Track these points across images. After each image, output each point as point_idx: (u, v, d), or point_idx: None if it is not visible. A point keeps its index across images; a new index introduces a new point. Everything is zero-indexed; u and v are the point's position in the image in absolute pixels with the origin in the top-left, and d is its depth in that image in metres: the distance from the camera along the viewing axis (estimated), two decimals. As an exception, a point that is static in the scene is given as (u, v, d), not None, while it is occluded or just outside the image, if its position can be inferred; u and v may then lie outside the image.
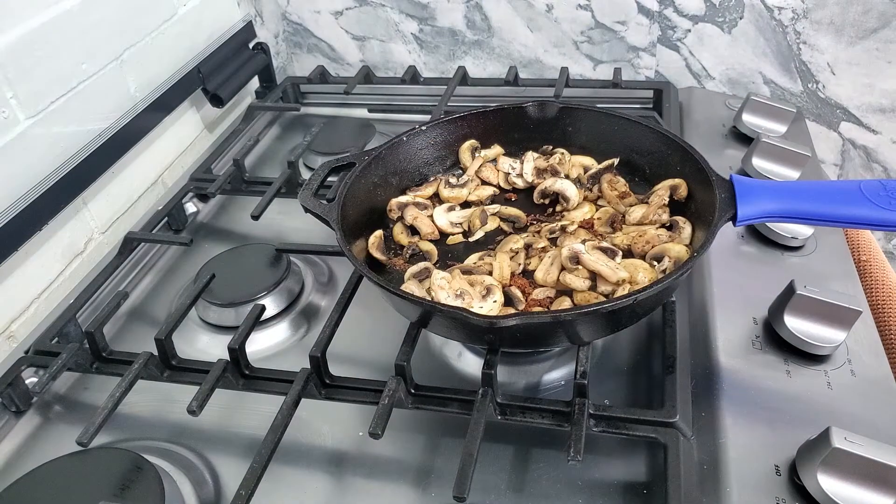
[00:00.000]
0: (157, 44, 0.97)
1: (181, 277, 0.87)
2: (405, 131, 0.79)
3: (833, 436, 0.48)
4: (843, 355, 0.61)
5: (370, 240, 0.72)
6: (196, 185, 0.99)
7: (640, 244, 0.67)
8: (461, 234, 0.75)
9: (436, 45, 1.21)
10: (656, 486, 0.56)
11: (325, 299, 0.80)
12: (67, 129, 0.83)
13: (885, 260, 0.78)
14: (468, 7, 1.15)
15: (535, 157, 0.80)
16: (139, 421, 0.67)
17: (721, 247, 0.74)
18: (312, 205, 0.69)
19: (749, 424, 0.56)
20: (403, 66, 1.22)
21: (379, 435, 0.55)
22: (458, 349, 0.70)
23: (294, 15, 1.25)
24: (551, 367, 0.68)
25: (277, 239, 0.87)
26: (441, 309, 0.57)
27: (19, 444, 0.68)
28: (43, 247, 0.81)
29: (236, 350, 0.65)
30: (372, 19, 1.21)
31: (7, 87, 0.74)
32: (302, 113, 1.19)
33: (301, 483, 0.61)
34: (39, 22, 0.78)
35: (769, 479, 0.52)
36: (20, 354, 0.73)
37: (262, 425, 0.58)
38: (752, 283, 0.69)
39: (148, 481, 0.57)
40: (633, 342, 0.69)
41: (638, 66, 1.15)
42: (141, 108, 0.93)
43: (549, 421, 0.59)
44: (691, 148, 0.69)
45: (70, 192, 0.83)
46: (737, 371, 0.61)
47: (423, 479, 0.60)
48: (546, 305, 0.64)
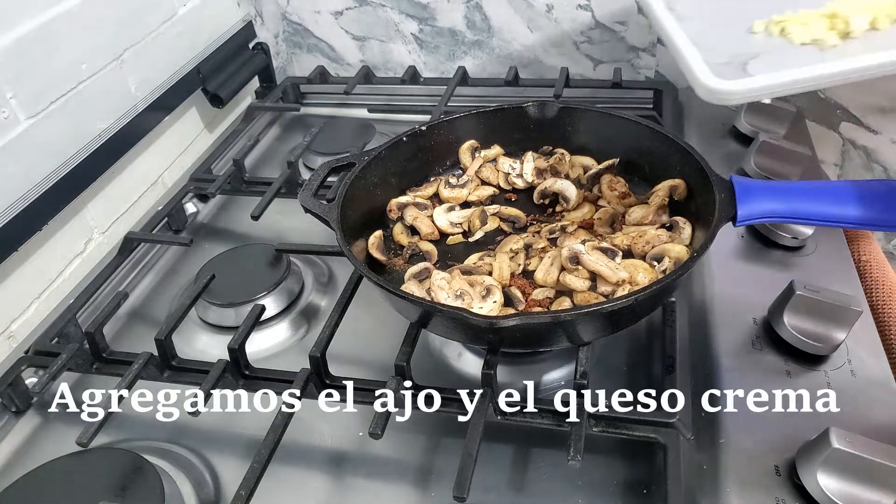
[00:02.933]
0: (157, 44, 0.97)
1: (181, 277, 0.87)
2: (405, 131, 0.79)
3: (833, 436, 0.48)
4: (843, 355, 0.61)
5: (370, 240, 0.72)
6: (196, 186, 0.99)
7: (640, 244, 0.67)
8: (461, 235, 0.75)
9: (436, 45, 1.21)
10: (656, 486, 0.56)
11: (325, 299, 0.80)
12: (67, 129, 0.82)
13: (885, 260, 0.78)
14: (468, 7, 1.15)
15: (535, 157, 0.80)
16: (139, 421, 0.67)
17: (721, 247, 0.74)
18: (312, 205, 0.69)
19: (749, 424, 0.56)
20: (403, 66, 1.22)
21: (379, 435, 0.55)
22: (458, 349, 0.70)
23: (294, 15, 1.25)
24: (551, 367, 0.68)
25: (277, 239, 0.87)
26: (441, 309, 0.57)
27: (19, 444, 0.68)
28: (43, 247, 0.81)
29: (236, 350, 0.65)
30: (372, 19, 1.21)
31: (7, 87, 0.74)
32: (302, 113, 1.19)
33: (301, 483, 0.61)
34: (39, 22, 0.78)
35: (769, 479, 0.52)
36: (20, 354, 0.73)
37: (262, 425, 0.58)
38: (752, 283, 0.69)
39: (148, 481, 0.57)
40: (633, 342, 0.69)
41: (638, 66, 1.15)
42: (141, 108, 0.93)
43: (548, 421, 0.59)
44: (691, 148, 0.69)
45: (70, 192, 0.83)
46: (737, 371, 0.61)
47: (423, 479, 0.60)
48: (546, 306, 0.64)
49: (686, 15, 0.62)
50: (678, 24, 0.61)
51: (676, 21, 0.61)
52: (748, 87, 0.53)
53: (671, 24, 0.61)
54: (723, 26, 0.61)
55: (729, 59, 0.56)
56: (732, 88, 0.53)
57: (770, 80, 0.54)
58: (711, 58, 0.56)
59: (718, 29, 0.61)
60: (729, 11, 0.64)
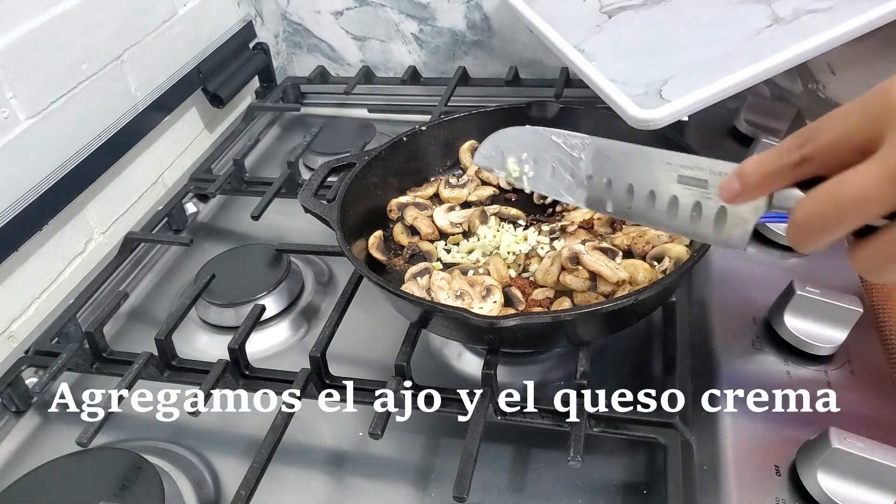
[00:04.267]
0: (157, 44, 0.97)
1: (181, 277, 0.87)
2: (405, 131, 0.79)
3: (833, 436, 0.48)
4: (843, 355, 0.61)
5: (370, 240, 0.72)
6: (196, 185, 0.99)
7: (640, 244, 0.67)
8: (461, 234, 0.75)
9: (436, 45, 1.21)
10: (656, 486, 0.56)
11: (325, 299, 0.80)
12: (67, 129, 0.82)
13: (885, 260, 0.78)
14: (468, 7, 1.15)
15: (535, 157, 0.80)
16: (139, 421, 0.67)
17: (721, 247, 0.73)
18: (312, 205, 0.69)
19: (749, 424, 0.56)
20: (403, 66, 1.22)
21: (379, 435, 0.55)
22: (458, 349, 0.70)
23: (294, 15, 1.25)
24: (551, 367, 0.67)
25: (277, 239, 0.86)
26: (441, 309, 0.57)
27: (19, 444, 0.68)
28: (43, 247, 0.81)
29: (236, 350, 0.65)
30: (372, 19, 1.21)
31: (7, 86, 0.74)
32: (302, 113, 1.19)
33: (301, 483, 0.61)
34: (39, 22, 0.78)
35: (769, 479, 0.52)
36: (20, 354, 0.73)
37: (262, 425, 0.58)
38: (752, 283, 0.69)
39: (148, 481, 0.57)
40: (633, 342, 0.69)
41: (638, 66, 1.15)
42: (141, 108, 0.93)
43: (548, 421, 0.59)
44: (691, 148, 0.69)
45: (70, 192, 0.83)
46: (737, 371, 0.60)
47: (423, 479, 0.60)
48: (546, 306, 0.64)
49: (594, 53, 0.69)
50: (591, 65, 0.67)
51: (588, 61, 0.68)
52: (667, 112, 0.60)
53: (586, 65, 0.68)
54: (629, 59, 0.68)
55: (645, 88, 0.62)
56: (654, 116, 0.60)
57: (684, 102, 0.61)
58: (629, 90, 0.63)
59: (626, 62, 0.67)
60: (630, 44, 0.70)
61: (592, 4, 0.76)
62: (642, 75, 0.65)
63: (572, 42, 0.71)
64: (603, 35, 0.72)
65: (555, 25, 0.74)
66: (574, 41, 0.71)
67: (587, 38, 0.71)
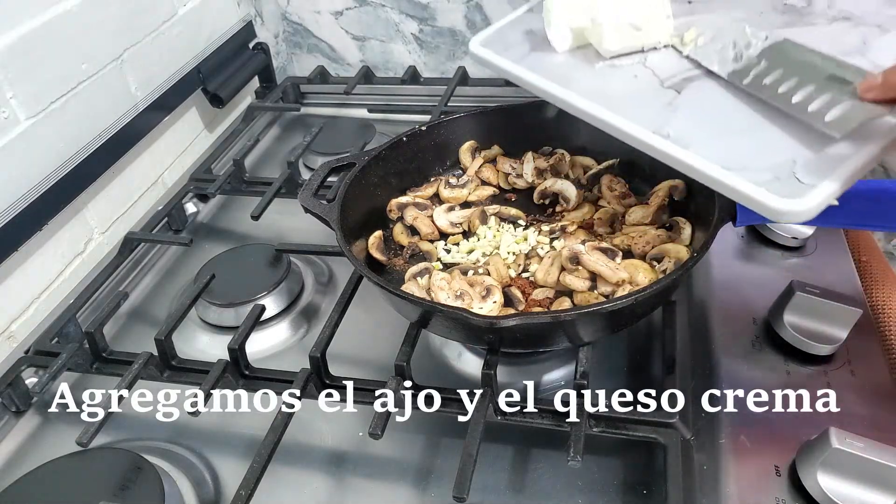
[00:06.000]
0: (157, 44, 0.97)
1: (181, 277, 0.87)
2: (405, 131, 0.79)
3: (833, 436, 0.48)
4: (843, 355, 0.61)
5: (370, 240, 0.72)
6: (196, 185, 0.99)
7: (640, 245, 0.67)
8: (461, 235, 0.75)
9: (436, 45, 1.21)
10: (656, 486, 0.56)
11: (325, 299, 0.80)
12: (67, 129, 0.83)
13: (886, 260, 0.78)
14: (468, 7, 1.15)
15: (535, 157, 0.80)
16: (139, 421, 0.67)
17: (721, 247, 0.74)
18: (312, 205, 0.69)
19: (749, 424, 0.56)
20: (403, 66, 1.22)
21: (379, 435, 0.55)
22: (458, 349, 0.70)
23: (294, 15, 1.25)
24: (551, 367, 0.67)
25: (277, 239, 0.87)
26: (441, 309, 0.57)
27: (19, 444, 0.68)
28: (43, 247, 0.81)
29: (236, 350, 0.65)
30: (372, 19, 1.21)
31: (7, 86, 0.74)
32: (302, 113, 1.19)
33: (301, 483, 0.61)
34: (39, 22, 0.78)
35: (769, 479, 0.52)
36: (20, 354, 0.73)
37: (262, 425, 0.58)
38: (752, 283, 0.69)
39: (148, 481, 0.57)
40: (633, 342, 0.69)
41: (638, 67, 1.15)
42: (141, 108, 0.93)
43: (548, 421, 0.59)
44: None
45: (70, 192, 0.83)
46: (737, 371, 0.61)
47: (423, 479, 0.60)
48: (546, 306, 0.64)
49: (683, 138, 0.54)
50: (689, 153, 0.53)
51: (684, 149, 0.53)
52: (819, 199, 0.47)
53: (685, 154, 0.53)
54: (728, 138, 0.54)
55: (772, 172, 0.50)
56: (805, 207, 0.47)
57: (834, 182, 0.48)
58: (754, 177, 0.49)
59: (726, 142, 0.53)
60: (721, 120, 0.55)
61: (649, 80, 0.61)
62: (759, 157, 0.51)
63: (649, 128, 0.55)
64: (681, 114, 0.56)
65: (615, 111, 0.58)
66: (651, 126, 0.55)
67: (665, 121, 0.55)
